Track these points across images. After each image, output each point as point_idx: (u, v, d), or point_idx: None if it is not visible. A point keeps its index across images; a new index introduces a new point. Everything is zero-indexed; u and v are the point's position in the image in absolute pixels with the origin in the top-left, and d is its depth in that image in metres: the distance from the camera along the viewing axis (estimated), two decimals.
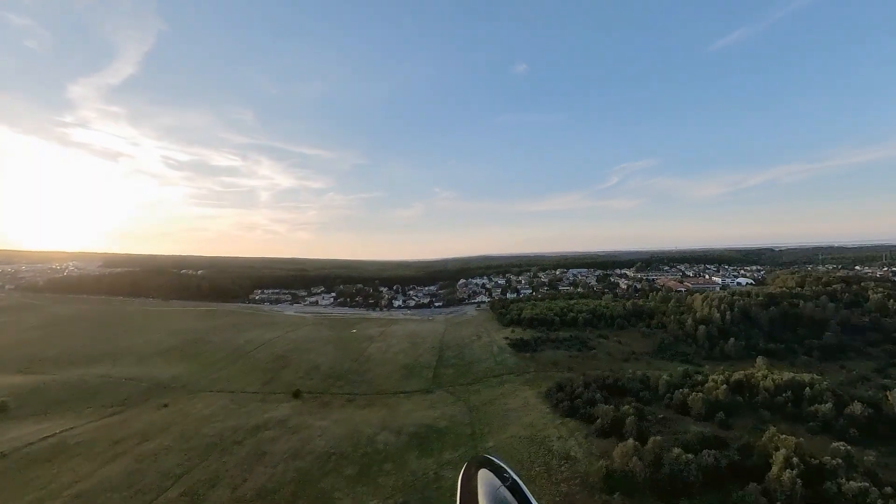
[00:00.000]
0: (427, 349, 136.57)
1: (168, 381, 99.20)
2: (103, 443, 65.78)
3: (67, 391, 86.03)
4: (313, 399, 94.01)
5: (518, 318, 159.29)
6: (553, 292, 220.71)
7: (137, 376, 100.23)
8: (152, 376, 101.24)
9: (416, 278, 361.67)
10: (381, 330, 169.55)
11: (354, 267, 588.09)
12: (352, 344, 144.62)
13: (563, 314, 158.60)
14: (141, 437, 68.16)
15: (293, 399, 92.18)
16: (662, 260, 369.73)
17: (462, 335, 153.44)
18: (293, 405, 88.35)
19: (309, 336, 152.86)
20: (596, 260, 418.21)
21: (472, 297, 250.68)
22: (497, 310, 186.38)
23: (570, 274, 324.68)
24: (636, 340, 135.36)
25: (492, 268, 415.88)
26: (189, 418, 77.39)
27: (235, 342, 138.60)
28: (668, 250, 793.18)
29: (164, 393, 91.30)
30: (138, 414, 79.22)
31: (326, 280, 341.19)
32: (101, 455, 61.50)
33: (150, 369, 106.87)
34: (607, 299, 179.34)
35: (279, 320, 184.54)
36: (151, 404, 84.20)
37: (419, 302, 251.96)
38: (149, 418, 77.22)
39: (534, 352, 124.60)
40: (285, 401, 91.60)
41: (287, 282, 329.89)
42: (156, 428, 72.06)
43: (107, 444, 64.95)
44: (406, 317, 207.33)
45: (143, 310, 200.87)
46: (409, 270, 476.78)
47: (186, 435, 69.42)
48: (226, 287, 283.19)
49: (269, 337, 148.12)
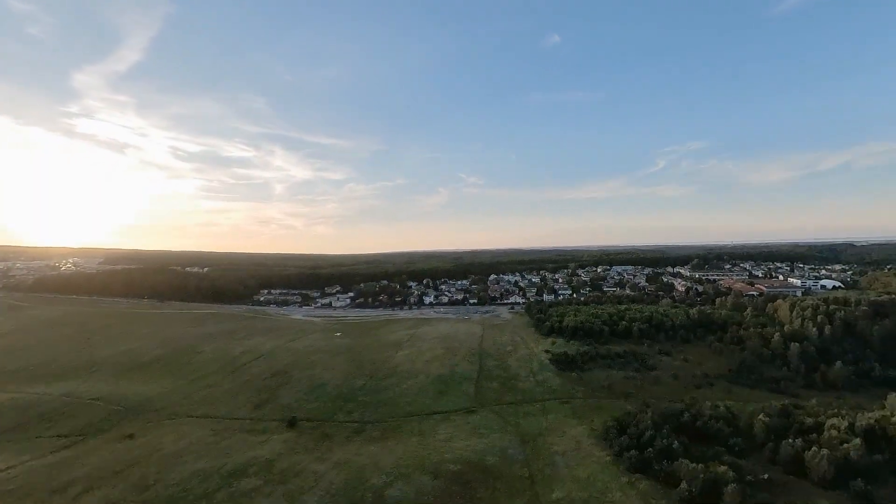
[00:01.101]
0: (465, 356, 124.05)
1: (142, 402, 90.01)
2: (40, 492, 55.96)
3: (18, 415, 77.81)
4: (313, 429, 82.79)
5: (559, 327, 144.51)
6: (597, 294, 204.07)
7: (107, 395, 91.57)
8: (124, 396, 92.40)
9: (448, 271, 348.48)
10: (409, 333, 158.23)
11: (379, 261, 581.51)
12: (371, 353, 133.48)
13: (614, 323, 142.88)
14: (87, 483, 58.05)
15: (287, 430, 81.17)
16: (721, 256, 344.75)
17: (502, 341, 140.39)
18: (286, 438, 77.23)
19: (315, 345, 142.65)
20: (643, 256, 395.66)
21: (506, 296, 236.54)
22: (534, 314, 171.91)
23: (613, 272, 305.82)
24: (707, 358, 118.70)
25: (524, 263, 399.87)
26: (154, 456, 67.12)
27: (230, 353, 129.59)
28: (723, 245, 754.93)
29: (134, 418, 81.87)
30: (95, 448, 69.63)
31: (344, 279, 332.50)
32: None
33: (125, 386, 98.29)
34: (665, 305, 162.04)
35: (284, 326, 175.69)
36: (115, 434, 74.68)
37: (452, 298, 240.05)
38: (106, 454, 67.43)
39: (581, 371, 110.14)
40: (278, 431, 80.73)
41: (298, 281, 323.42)
42: (109, 470, 61.95)
43: (42, 495, 55.00)
44: (439, 315, 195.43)
45: (133, 312, 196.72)
46: (439, 262, 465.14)
47: (144, 482, 58.91)
48: (228, 287, 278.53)
49: (270, 347, 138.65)
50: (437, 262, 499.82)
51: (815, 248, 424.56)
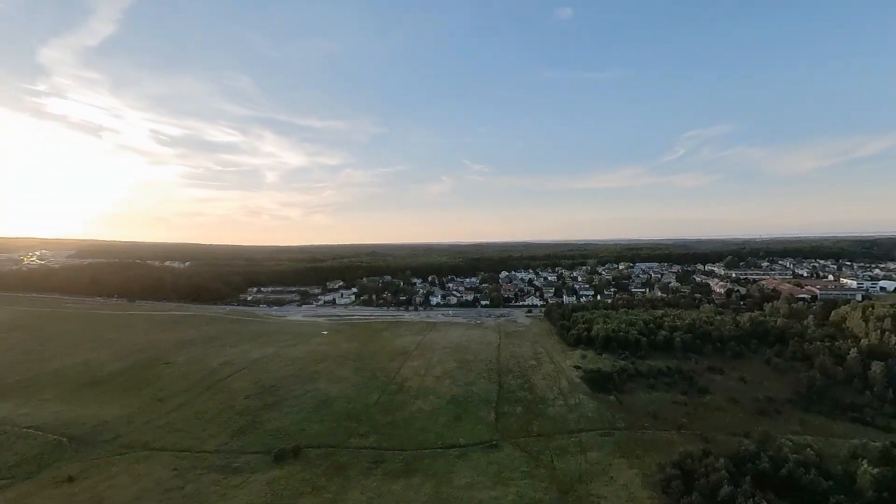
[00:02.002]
0: (482, 371, 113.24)
1: (92, 430, 79.19)
2: None
3: None
4: (322, 459, 71.77)
5: (588, 336, 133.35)
6: (625, 297, 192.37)
7: (50, 423, 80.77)
8: (72, 422, 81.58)
9: (455, 267, 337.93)
10: (417, 340, 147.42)
11: (380, 253, 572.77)
12: (380, 361, 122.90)
13: (651, 332, 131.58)
14: None
15: (275, 466, 69.82)
16: (756, 253, 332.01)
17: (522, 353, 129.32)
18: (272, 479, 65.88)
19: (318, 352, 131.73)
20: (668, 252, 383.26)
21: (521, 297, 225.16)
22: (556, 320, 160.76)
23: (638, 269, 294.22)
24: (767, 378, 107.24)
25: (537, 259, 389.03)
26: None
27: (207, 364, 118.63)
28: (751, 239, 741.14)
29: (79, 453, 71.02)
30: (21, 497, 58.67)
31: (346, 272, 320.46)
32: None
33: (75, 409, 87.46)
34: (708, 311, 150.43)
35: (276, 330, 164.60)
36: (50, 477, 63.80)
37: (462, 299, 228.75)
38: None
39: (619, 392, 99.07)
40: (261, 468, 69.50)
41: (295, 276, 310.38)
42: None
43: None
44: (448, 319, 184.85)
45: (97, 314, 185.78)
46: (443, 256, 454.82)
47: None
48: (210, 285, 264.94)
49: (257, 356, 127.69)
50: (442, 255, 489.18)
51: (860, 242, 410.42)
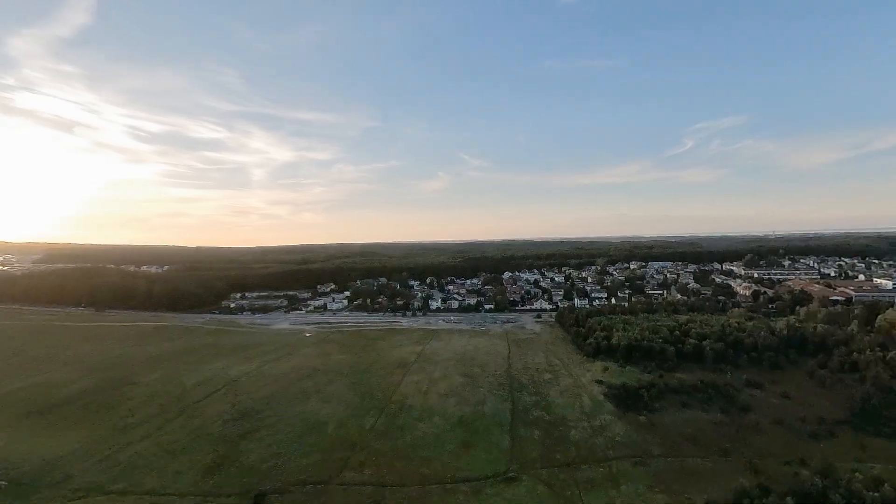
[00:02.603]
0: (492, 387, 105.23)
1: (37, 471, 69.95)
2: None
3: None
4: (311, 499, 63.12)
5: (608, 345, 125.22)
6: (644, 300, 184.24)
7: None
8: (12, 461, 72.60)
9: (454, 268, 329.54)
10: (417, 350, 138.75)
11: (375, 252, 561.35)
12: (376, 376, 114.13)
13: (677, 340, 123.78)
14: None
15: None
16: (776, 251, 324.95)
17: (535, 365, 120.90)
18: None
19: (307, 366, 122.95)
20: (681, 251, 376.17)
21: (528, 300, 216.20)
22: (569, 326, 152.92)
23: (651, 270, 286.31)
24: (811, 393, 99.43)
25: (542, 258, 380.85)
26: None
27: (180, 384, 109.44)
28: (761, 236, 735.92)
29: (18, 501, 61.71)
30: None
31: (338, 274, 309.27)
32: None
33: (21, 442, 78.25)
34: (738, 315, 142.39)
35: (261, 341, 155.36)
36: None
37: (464, 303, 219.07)
38: None
39: (650, 412, 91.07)
40: None
41: (282, 280, 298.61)
42: None
43: None
44: (450, 325, 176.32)
45: (60, 327, 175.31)
46: (441, 256, 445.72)
47: None
48: (189, 291, 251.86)
49: (237, 373, 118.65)
50: (440, 255, 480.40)
51: (884, 238, 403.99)
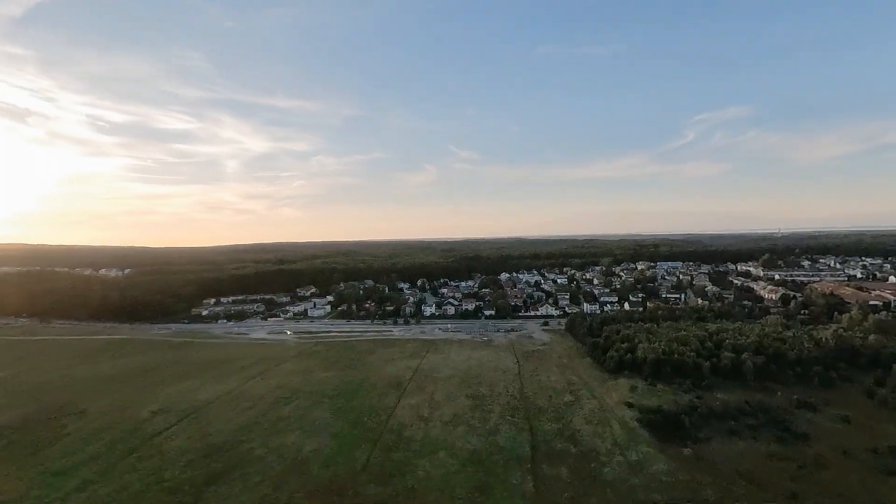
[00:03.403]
0: (505, 413, 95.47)
1: None
2: None
3: None
4: None
5: (632, 360, 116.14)
6: (663, 306, 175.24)
7: None
8: None
9: (446, 269, 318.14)
10: (413, 365, 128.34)
11: (359, 252, 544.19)
12: (368, 398, 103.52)
13: (711, 352, 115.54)
14: None
15: None
16: (792, 250, 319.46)
17: (552, 384, 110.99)
18: None
19: (287, 387, 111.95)
20: (684, 249, 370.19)
21: (532, 305, 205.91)
22: (582, 336, 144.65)
23: (661, 270, 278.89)
24: (874, 416, 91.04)
25: (541, 258, 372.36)
26: None
27: (135, 413, 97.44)
28: (767, 233, 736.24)
29: None
30: None
31: (320, 277, 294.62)
32: None
33: None
34: (773, 324, 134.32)
35: (234, 355, 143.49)
36: None
37: (461, 309, 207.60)
38: None
39: (694, 441, 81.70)
40: None
41: (259, 282, 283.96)
42: None
43: None
44: (448, 335, 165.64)
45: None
46: (432, 255, 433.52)
47: None
48: (153, 297, 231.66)
49: (206, 396, 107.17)
50: (429, 254, 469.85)
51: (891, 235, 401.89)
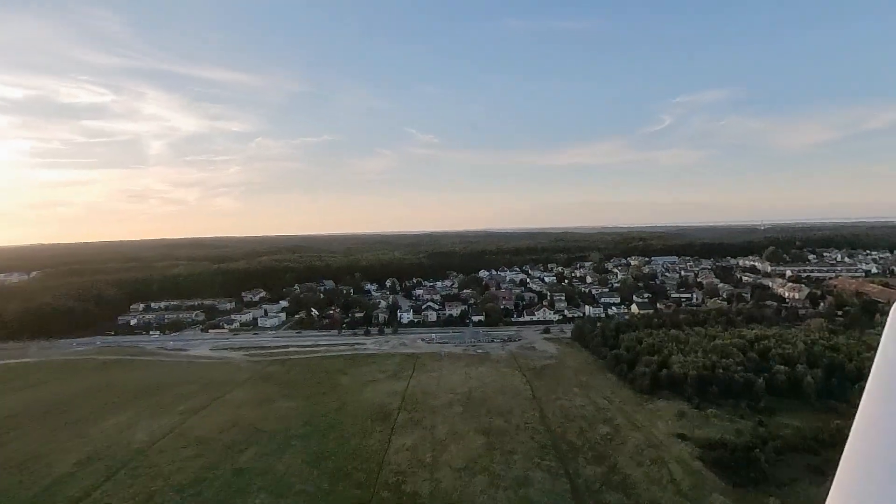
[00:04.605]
0: (531, 453, 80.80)
1: None
2: None
3: None
4: None
5: (669, 376, 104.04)
6: (679, 308, 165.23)
7: None
8: None
9: (418, 267, 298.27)
10: (399, 388, 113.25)
11: (310, 248, 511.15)
12: (349, 439, 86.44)
13: (758, 365, 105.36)
14: None
15: None
16: (791, 242, 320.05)
17: (579, 410, 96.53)
18: None
19: (241, 422, 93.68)
20: (676, 242, 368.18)
21: (527, 309, 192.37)
22: (596, 346, 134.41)
23: (658, 266, 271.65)
24: None
25: (521, 253, 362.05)
26: None
27: (45, 468, 77.74)
28: (749, 226, 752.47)
29: None
30: None
31: (269, 277, 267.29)
32: None
33: None
34: (818, 328, 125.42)
35: (171, 379, 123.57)
36: None
37: (443, 314, 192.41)
38: None
39: (777, 485, 70.03)
40: None
41: (196, 285, 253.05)
42: None
43: None
44: (433, 347, 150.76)
45: None
46: (399, 252, 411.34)
47: None
48: (67, 305, 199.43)
49: (143, 438, 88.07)
50: (392, 249, 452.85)
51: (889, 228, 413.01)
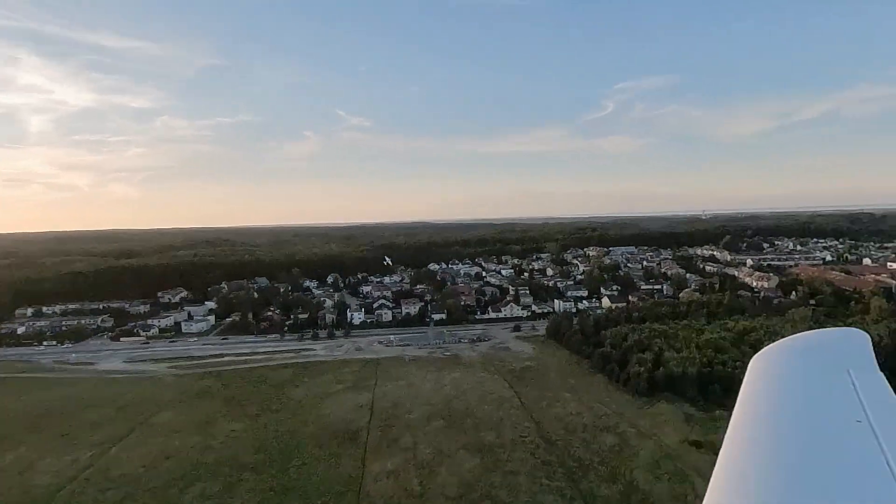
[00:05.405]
0: (534, 473, 74.90)
1: None
2: None
3: None
4: None
5: (666, 376, 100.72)
6: (663, 301, 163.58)
7: None
8: None
9: (361, 261, 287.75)
10: (364, 401, 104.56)
11: (233, 241, 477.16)
12: (309, 465, 75.61)
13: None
14: None
15: None
16: (744, 232, 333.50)
17: (575, 418, 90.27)
18: None
19: (179, 455, 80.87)
20: (636, 233, 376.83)
21: (492, 305, 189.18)
22: (577, 344, 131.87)
23: (619, 256, 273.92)
24: None
25: (472, 245, 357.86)
26: None
27: None
28: (692, 216, 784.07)
29: None
30: None
31: (190, 275, 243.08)
32: None
33: None
34: (803, 318, 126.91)
35: (83, 400, 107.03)
36: None
37: (399, 314, 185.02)
38: None
39: None
40: None
41: (98, 282, 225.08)
42: None
43: None
44: (394, 351, 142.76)
45: None
46: (335, 244, 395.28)
47: None
48: None
49: (47, 483, 74.03)
50: (327, 242, 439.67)
51: (847, 217, 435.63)
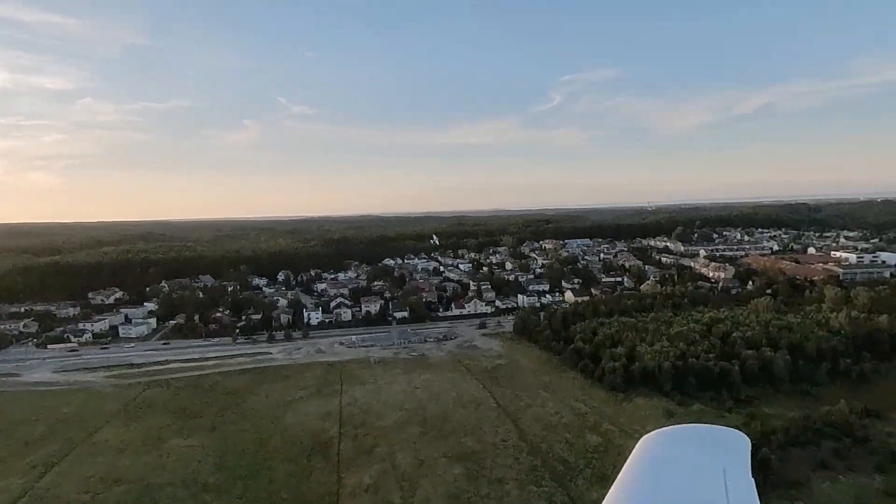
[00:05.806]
0: (522, 477, 74.06)
1: None
2: None
3: None
4: None
5: (642, 370, 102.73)
6: (631, 294, 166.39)
7: None
8: None
9: (312, 257, 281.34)
10: (330, 408, 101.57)
11: (170, 236, 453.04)
12: (283, 485, 72.18)
13: (728, 353, 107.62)
14: None
15: None
16: (693, 223, 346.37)
17: (556, 418, 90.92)
18: None
19: (129, 476, 75.16)
20: (588, 225, 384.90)
21: (454, 301, 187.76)
22: (545, 340, 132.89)
23: (575, 249, 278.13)
24: None
25: (426, 238, 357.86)
26: None
27: None
28: (638, 207, 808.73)
29: None
30: None
31: (126, 272, 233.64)
32: None
33: None
34: (766, 308, 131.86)
35: (10, 417, 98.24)
36: None
37: (359, 312, 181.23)
38: None
39: (789, 485, 69.69)
40: None
41: (19, 282, 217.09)
42: None
43: None
44: (357, 353, 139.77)
45: None
46: (285, 239, 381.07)
47: None
48: None
49: None
50: (270, 236, 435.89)
51: (787, 208, 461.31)
